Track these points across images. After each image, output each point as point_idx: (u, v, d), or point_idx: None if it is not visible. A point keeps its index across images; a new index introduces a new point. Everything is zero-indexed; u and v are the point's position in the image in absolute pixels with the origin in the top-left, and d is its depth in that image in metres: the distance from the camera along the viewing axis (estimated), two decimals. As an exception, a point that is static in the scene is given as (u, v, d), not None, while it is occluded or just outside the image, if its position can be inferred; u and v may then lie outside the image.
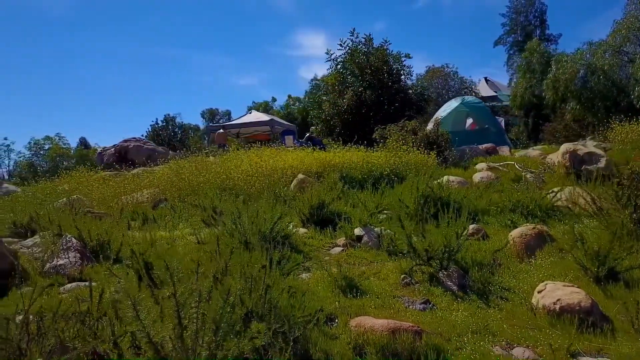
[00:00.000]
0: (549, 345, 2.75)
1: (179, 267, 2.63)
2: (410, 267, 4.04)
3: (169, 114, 33.42)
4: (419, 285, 3.95)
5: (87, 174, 10.97)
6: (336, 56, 13.78)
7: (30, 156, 36.38)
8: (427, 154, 8.01)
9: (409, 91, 13.75)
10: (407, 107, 13.16)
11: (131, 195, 8.07)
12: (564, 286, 3.32)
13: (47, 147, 37.37)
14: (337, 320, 3.28)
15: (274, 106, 39.62)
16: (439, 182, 6.10)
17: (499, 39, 35.03)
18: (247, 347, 2.46)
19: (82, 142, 42.80)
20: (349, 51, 13.40)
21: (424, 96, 14.20)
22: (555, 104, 16.03)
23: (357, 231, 5.19)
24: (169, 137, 30.45)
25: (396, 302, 3.61)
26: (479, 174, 7.21)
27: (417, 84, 14.85)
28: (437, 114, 14.16)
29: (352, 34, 13.46)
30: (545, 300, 3.23)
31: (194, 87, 74.86)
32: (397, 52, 13.67)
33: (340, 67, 13.70)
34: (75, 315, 3.04)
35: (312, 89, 32.33)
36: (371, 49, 13.19)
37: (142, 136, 25.58)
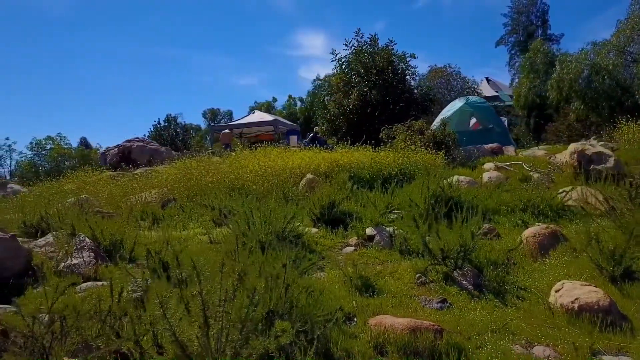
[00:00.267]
0: (570, 344, 2.76)
1: (198, 266, 2.64)
2: (425, 267, 4.05)
3: (170, 114, 33.49)
4: (434, 284, 3.96)
5: (92, 174, 11.05)
6: (341, 56, 13.83)
7: (32, 156, 36.40)
8: (435, 153, 8.03)
9: (414, 91, 13.77)
10: (413, 107, 13.17)
11: (139, 195, 8.08)
12: (581, 285, 3.33)
13: (48, 147, 37.35)
14: (355, 319, 3.30)
15: (275, 106, 39.68)
16: (449, 182, 6.10)
17: (500, 39, 35.06)
18: (272, 346, 2.47)
19: (83, 142, 42.83)
20: (354, 51, 13.43)
21: (429, 96, 14.21)
22: (559, 104, 16.05)
23: (369, 231, 5.21)
24: (171, 137, 30.48)
25: (413, 301, 3.63)
26: (487, 173, 7.23)
27: (422, 84, 14.87)
28: (441, 113, 14.19)
29: (357, 34, 13.54)
30: (563, 299, 3.24)
31: (194, 87, 74.98)
32: (402, 52, 13.72)
33: (345, 67, 13.72)
34: (97, 314, 3.06)
35: (315, 89, 32.46)
36: (377, 49, 13.22)
37: (144, 136, 25.60)
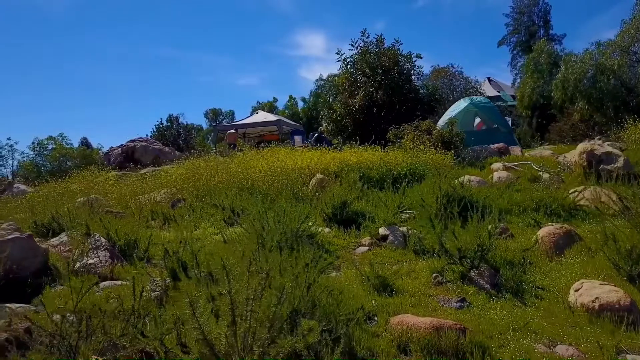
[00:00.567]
0: (593, 343, 2.78)
1: (227, 265, 2.65)
2: (442, 266, 4.06)
3: (172, 114, 33.49)
4: (450, 283, 3.98)
5: (98, 174, 11.08)
6: (346, 56, 13.86)
7: (33, 156, 36.39)
8: (444, 153, 8.05)
9: (419, 91, 13.78)
10: (419, 107, 13.19)
11: (148, 195, 8.10)
12: (600, 285, 3.35)
13: (50, 147, 37.30)
14: (376, 318, 3.31)
15: (277, 106, 39.73)
16: (460, 181, 6.12)
17: (502, 39, 35.04)
18: (300, 344, 2.49)
19: (84, 142, 42.79)
20: (360, 51, 13.44)
21: (434, 96, 14.23)
22: (563, 104, 16.07)
23: (382, 230, 5.22)
24: (173, 137, 30.48)
25: (431, 300, 3.64)
26: (497, 173, 7.24)
27: (428, 84, 14.89)
28: (445, 114, 14.20)
29: (363, 34, 13.56)
30: (583, 298, 3.26)
31: (194, 87, 74.96)
32: (408, 52, 13.74)
33: (350, 67, 13.74)
34: (121, 313, 3.08)
35: (318, 89, 32.46)
36: (382, 49, 13.23)
37: (147, 136, 25.61)
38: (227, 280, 2.43)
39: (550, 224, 5.02)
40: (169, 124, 31.87)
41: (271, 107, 36.91)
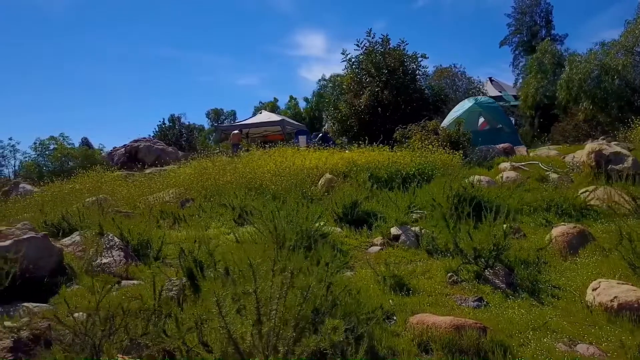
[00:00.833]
0: (614, 342, 2.79)
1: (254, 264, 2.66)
2: (457, 266, 4.08)
3: (173, 114, 33.52)
4: (465, 283, 3.99)
5: (104, 174, 11.12)
6: (351, 56, 13.89)
7: (35, 156, 36.39)
8: (452, 153, 8.06)
9: (425, 91, 13.80)
10: (424, 107, 13.21)
11: (155, 194, 8.12)
12: (618, 284, 3.35)
13: (51, 147, 37.27)
14: (394, 317, 3.32)
15: (278, 106, 39.77)
16: (469, 181, 6.13)
17: (504, 39, 34.98)
18: (326, 343, 2.50)
19: (84, 142, 42.77)
20: (366, 51, 13.46)
21: (440, 96, 14.25)
22: (567, 104, 16.07)
23: (394, 230, 5.23)
24: (175, 137, 30.51)
25: (448, 299, 3.66)
26: (505, 173, 7.26)
27: (434, 85, 14.91)
28: (450, 114, 14.21)
29: (369, 34, 13.58)
30: (601, 297, 3.27)
31: (194, 87, 74.86)
32: (413, 52, 13.76)
33: (355, 67, 13.76)
34: (142, 312, 3.09)
35: (321, 89, 32.49)
36: (388, 49, 13.24)
37: (149, 136, 25.63)
38: (253, 279, 2.44)
39: (562, 223, 5.03)
40: (171, 124, 31.91)
41: (273, 107, 36.93)
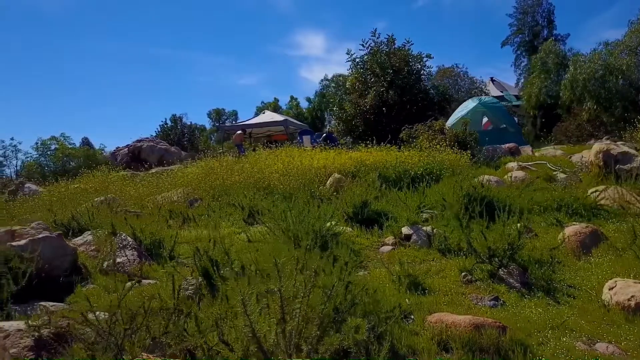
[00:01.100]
0: (633, 340, 2.81)
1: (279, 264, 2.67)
2: (471, 265, 4.09)
3: (175, 114, 33.55)
4: (480, 282, 4.00)
5: (109, 174, 11.16)
6: (356, 56, 13.91)
7: (37, 157, 36.39)
8: (460, 153, 8.07)
9: (430, 91, 13.83)
10: (429, 107, 13.24)
11: (163, 194, 8.14)
12: (634, 283, 3.37)
13: (53, 147, 37.27)
14: (412, 316, 3.34)
15: (281, 106, 39.80)
16: (479, 181, 6.15)
17: (506, 39, 35.01)
18: (349, 341, 2.52)
19: (85, 142, 42.76)
20: (371, 51, 13.48)
21: (445, 96, 14.27)
22: (571, 104, 16.09)
23: (405, 230, 5.24)
24: (178, 137, 30.54)
25: (464, 299, 3.67)
26: (512, 173, 7.26)
27: (439, 84, 14.93)
28: (454, 114, 14.23)
29: (374, 35, 13.61)
30: (618, 297, 3.28)
31: (194, 87, 74.68)
32: (418, 52, 13.79)
33: (360, 67, 13.78)
34: (162, 311, 3.11)
35: (323, 89, 32.55)
36: (393, 49, 13.26)
37: (151, 136, 25.64)
38: (278, 277, 2.45)
39: (573, 223, 5.04)
40: (173, 124, 31.94)
41: (275, 108, 36.98)
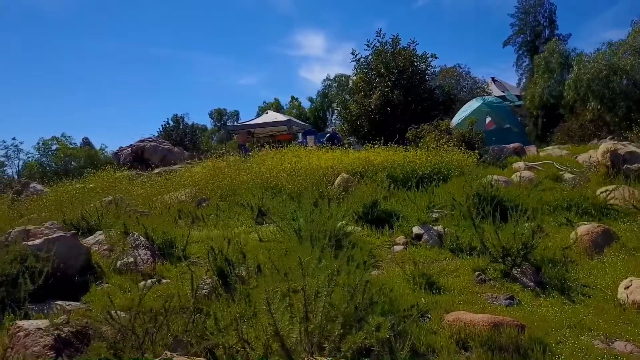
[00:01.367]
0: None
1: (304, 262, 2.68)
2: (485, 265, 4.11)
3: (177, 114, 33.51)
4: (493, 282, 4.02)
5: (113, 173, 11.20)
6: (361, 57, 13.94)
7: (38, 157, 36.38)
8: (467, 153, 8.09)
9: (434, 91, 13.85)
10: (434, 107, 13.26)
11: (170, 194, 8.15)
12: (650, 282, 3.39)
13: (54, 147, 37.26)
14: (429, 315, 3.36)
15: (282, 107, 39.82)
16: (487, 181, 6.16)
17: (508, 39, 34.96)
18: (372, 340, 2.54)
19: (85, 142, 42.73)
20: (376, 51, 13.51)
21: (449, 96, 14.29)
22: (574, 104, 16.10)
23: (416, 230, 5.26)
24: (180, 137, 30.49)
25: (479, 298, 3.69)
26: (520, 173, 7.27)
27: (444, 84, 14.95)
28: (458, 114, 14.24)
29: (379, 34, 13.63)
30: (634, 295, 3.30)
31: (194, 87, 74.41)
32: (422, 52, 13.81)
33: (365, 67, 13.80)
34: (182, 310, 3.13)
35: (325, 89, 32.62)
36: (398, 49, 13.28)
37: (153, 136, 25.62)
38: (302, 276, 2.47)
39: (584, 222, 5.06)
40: (175, 124, 31.89)
41: (277, 108, 37.01)
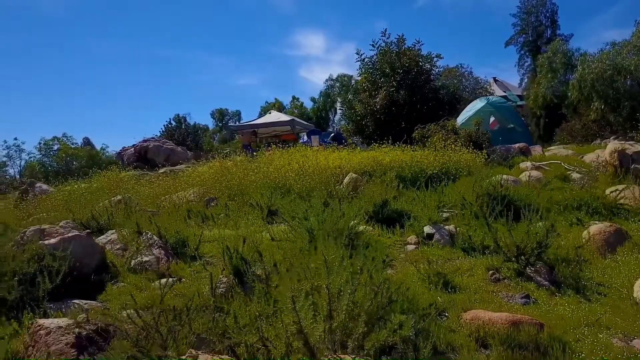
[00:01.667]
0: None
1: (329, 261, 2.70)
2: (499, 264, 4.13)
3: (178, 114, 33.65)
4: (507, 280, 4.04)
5: (118, 173, 11.25)
6: (365, 57, 13.97)
7: (40, 157, 36.39)
8: (475, 153, 8.11)
9: (440, 91, 13.89)
10: (439, 107, 13.30)
11: (178, 194, 8.17)
12: (665, 281, 3.41)
13: (55, 147, 37.23)
14: (446, 313, 3.37)
15: (285, 107, 39.84)
16: (497, 180, 6.18)
17: (510, 39, 35.03)
18: (396, 337, 2.56)
19: (86, 142, 42.68)
20: (381, 51, 13.55)
21: (455, 96, 14.33)
22: (578, 104, 16.13)
23: (427, 229, 5.28)
24: (182, 137, 30.60)
25: (494, 297, 3.70)
26: (529, 172, 7.29)
27: (449, 84, 14.98)
28: (462, 114, 14.27)
29: (384, 35, 13.68)
30: (651, 294, 3.32)
31: (195, 87, 74.43)
32: (428, 52, 13.86)
33: (370, 67, 13.84)
34: (203, 309, 3.15)
35: (328, 89, 32.63)
36: (403, 49, 13.32)
37: (156, 136, 25.67)
38: (327, 274, 2.49)
39: (595, 222, 5.08)
40: (177, 124, 31.99)
41: (279, 108, 37.05)
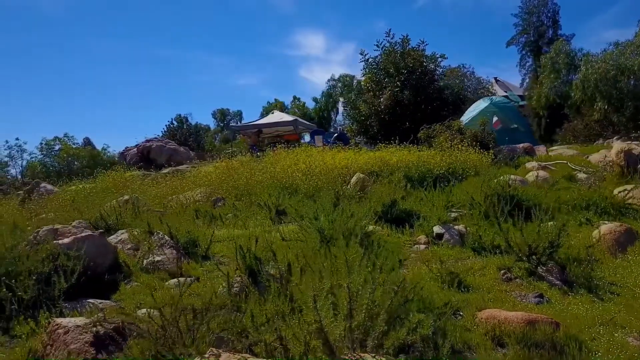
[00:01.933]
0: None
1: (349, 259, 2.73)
2: (510, 263, 4.15)
3: (180, 114, 33.65)
4: (519, 280, 4.06)
5: (123, 173, 11.29)
6: (369, 57, 14.00)
7: (42, 157, 36.38)
8: (481, 153, 8.13)
9: (444, 91, 13.92)
10: (444, 107, 13.33)
11: (185, 194, 8.19)
12: (679, 280, 3.43)
13: (56, 147, 37.21)
14: (460, 313, 3.39)
15: (287, 107, 39.89)
16: (505, 180, 6.20)
17: (511, 39, 35.05)
18: (416, 336, 2.58)
19: (86, 142, 42.64)
20: (385, 51, 13.58)
21: (459, 96, 14.36)
22: (581, 104, 16.16)
23: (437, 229, 5.30)
24: (184, 137, 30.59)
25: (507, 296, 3.72)
26: (535, 172, 7.31)
27: (453, 84, 15.01)
28: (465, 114, 14.29)
29: (388, 35, 13.69)
30: (664, 294, 3.33)
31: (195, 87, 74.43)
32: (432, 53, 13.88)
33: (374, 67, 13.87)
34: (219, 308, 3.17)
35: (330, 89, 32.65)
36: (407, 50, 13.34)
37: (158, 136, 25.68)
38: (348, 273, 2.51)
39: (604, 222, 5.10)
40: (179, 124, 32.00)
41: (281, 108, 37.10)
